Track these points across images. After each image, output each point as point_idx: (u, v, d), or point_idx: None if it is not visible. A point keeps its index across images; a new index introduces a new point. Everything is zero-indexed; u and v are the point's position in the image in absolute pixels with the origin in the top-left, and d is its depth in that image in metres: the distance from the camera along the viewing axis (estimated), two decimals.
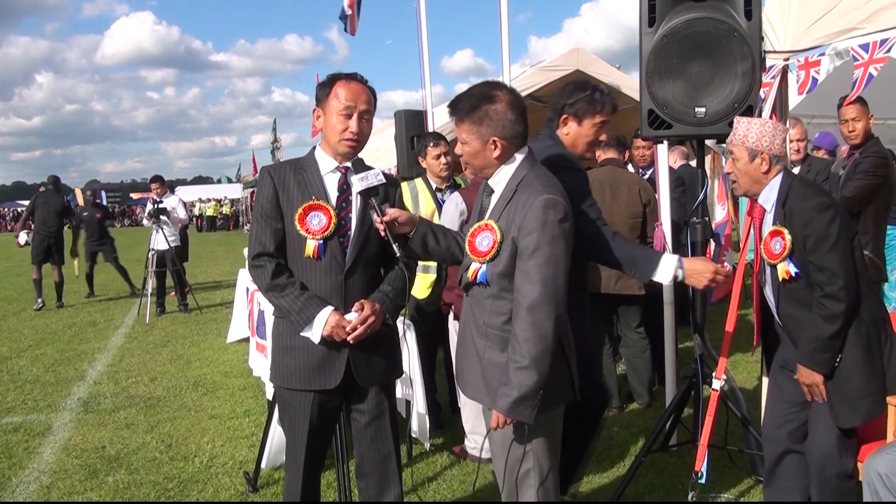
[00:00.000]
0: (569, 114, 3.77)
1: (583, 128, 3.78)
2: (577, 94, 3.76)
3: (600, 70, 11.92)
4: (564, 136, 3.80)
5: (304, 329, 3.30)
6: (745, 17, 3.85)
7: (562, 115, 3.78)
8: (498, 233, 3.01)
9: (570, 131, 3.79)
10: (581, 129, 3.78)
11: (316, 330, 3.27)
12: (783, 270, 3.58)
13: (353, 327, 3.26)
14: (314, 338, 3.29)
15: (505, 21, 6.81)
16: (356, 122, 3.33)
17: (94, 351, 9.77)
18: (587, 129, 3.78)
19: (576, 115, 3.76)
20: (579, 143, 3.80)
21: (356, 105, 3.32)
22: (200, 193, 59.83)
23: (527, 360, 2.87)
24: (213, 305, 13.38)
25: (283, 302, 3.32)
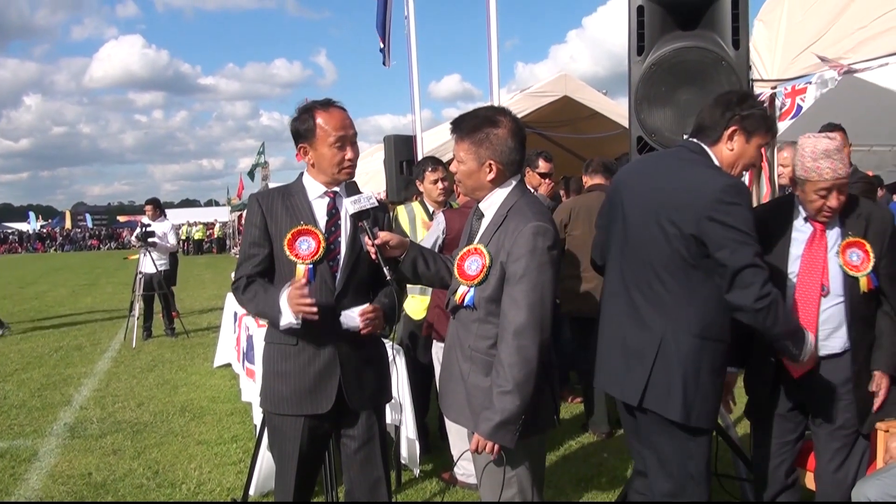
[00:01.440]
0: (739, 126, 3.24)
1: (750, 146, 3.27)
2: (752, 105, 3.29)
3: (588, 96, 12.03)
4: (726, 152, 3.27)
5: (281, 320, 3.22)
6: (733, 46, 3.89)
7: (729, 126, 3.25)
8: (487, 257, 3.02)
9: (735, 147, 3.26)
10: (748, 147, 3.26)
11: (286, 314, 3.19)
12: (865, 282, 3.58)
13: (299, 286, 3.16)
14: (294, 323, 3.19)
15: (494, 48, 6.86)
16: (350, 149, 3.36)
17: (81, 375, 9.69)
18: (752, 150, 3.28)
19: (746, 130, 3.25)
20: (738, 164, 3.30)
21: (346, 133, 3.34)
22: (188, 216, 59.75)
23: (510, 384, 2.88)
24: (199, 330, 13.31)
25: (258, 307, 3.35)
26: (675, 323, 3.14)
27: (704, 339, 3.12)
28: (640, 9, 4.04)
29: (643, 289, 3.25)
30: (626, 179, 3.52)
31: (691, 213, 3.04)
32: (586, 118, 12.53)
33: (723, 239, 2.97)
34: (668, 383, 3.13)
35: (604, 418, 6.41)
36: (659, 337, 3.16)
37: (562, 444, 6.20)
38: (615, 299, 3.41)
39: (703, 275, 3.08)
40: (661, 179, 3.27)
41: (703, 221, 3.00)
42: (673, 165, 3.32)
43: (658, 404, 3.18)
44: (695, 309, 3.12)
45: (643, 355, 3.20)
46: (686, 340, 3.12)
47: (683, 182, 3.17)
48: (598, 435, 6.39)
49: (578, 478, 5.49)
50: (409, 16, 8.99)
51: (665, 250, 3.14)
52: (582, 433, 6.50)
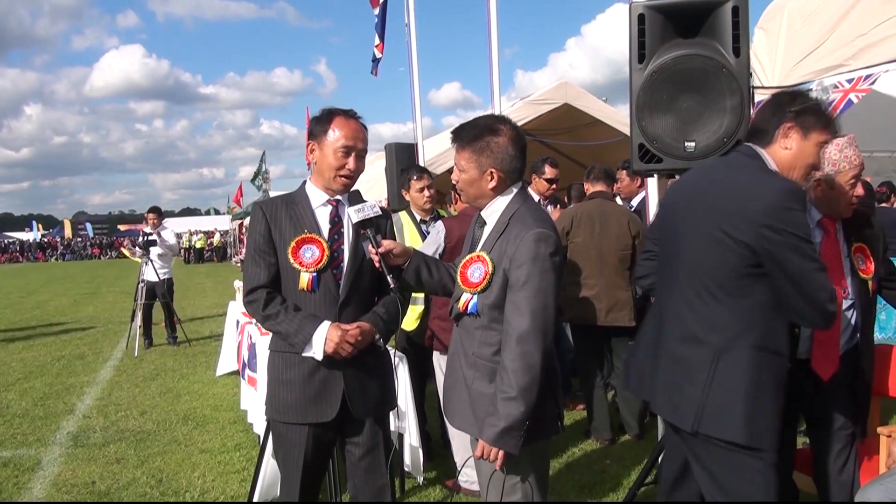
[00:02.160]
0: (794, 123, 3.03)
1: (808, 143, 3.04)
2: (804, 101, 3.09)
3: (588, 104, 12.07)
4: (782, 151, 3.06)
5: (305, 349, 3.31)
6: (734, 53, 3.91)
7: (782, 123, 3.05)
8: (490, 264, 3.04)
9: (791, 146, 3.04)
10: (805, 144, 3.04)
11: (317, 348, 3.28)
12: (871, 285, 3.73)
13: (354, 337, 3.29)
14: (317, 355, 3.29)
15: (495, 56, 6.88)
16: (354, 160, 3.39)
17: (83, 384, 9.70)
18: (811, 148, 3.05)
19: (802, 127, 3.04)
20: (798, 165, 3.06)
21: (355, 145, 3.38)
22: (189, 225, 59.80)
23: (514, 390, 2.89)
24: (201, 338, 13.32)
25: (280, 327, 3.35)
26: (730, 336, 2.91)
27: (763, 351, 2.89)
28: (641, 17, 4.06)
29: (695, 303, 3.02)
30: (679, 191, 3.32)
31: (745, 219, 2.84)
32: (587, 125, 12.57)
33: (779, 246, 2.79)
34: (727, 402, 2.88)
35: (606, 425, 6.42)
36: (713, 352, 2.92)
37: (564, 451, 6.21)
38: (665, 315, 3.20)
39: (759, 284, 2.89)
40: (713, 187, 3.06)
41: (758, 229, 2.81)
42: (725, 172, 3.12)
43: (716, 427, 2.90)
44: (751, 320, 2.91)
45: (696, 373, 2.95)
46: (743, 354, 2.89)
47: (736, 188, 2.96)
48: (601, 442, 6.40)
49: (581, 485, 5.49)
50: (409, 24, 9.04)
51: (718, 260, 2.94)
52: (584, 440, 6.50)
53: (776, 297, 2.87)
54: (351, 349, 3.29)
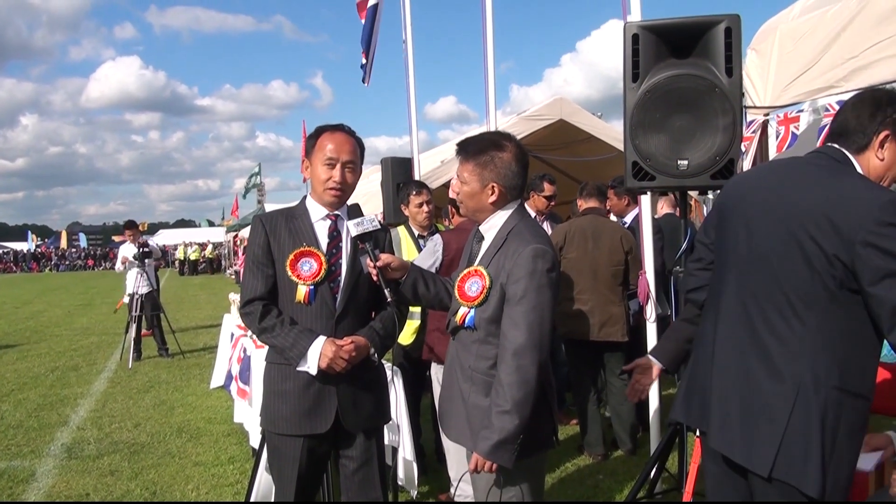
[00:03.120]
0: (892, 131, 2.68)
1: None
2: None
3: (583, 120, 12.09)
4: (875, 161, 2.71)
5: (300, 363, 3.34)
6: (726, 73, 3.96)
7: (881, 130, 2.69)
8: (487, 279, 3.08)
9: (887, 156, 2.69)
10: None
11: (312, 363, 3.32)
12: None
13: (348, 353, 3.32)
14: (311, 370, 3.33)
15: (491, 72, 6.93)
16: (339, 172, 3.43)
17: (77, 396, 9.71)
18: None
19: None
20: (888, 177, 2.74)
21: (339, 157, 3.43)
22: (183, 237, 59.71)
23: (509, 404, 2.92)
24: (195, 350, 13.32)
25: (276, 341, 3.38)
26: (813, 369, 2.55)
27: (845, 393, 2.53)
28: (636, 37, 4.11)
29: (774, 323, 2.66)
30: (744, 190, 2.90)
31: (840, 232, 2.48)
32: (582, 141, 12.59)
33: (882, 269, 2.40)
34: (805, 448, 2.53)
35: (599, 440, 6.44)
36: (795, 387, 2.56)
37: (557, 466, 6.23)
38: (732, 334, 2.81)
39: (847, 310, 2.52)
40: (797, 189, 2.68)
41: (855, 245, 2.44)
42: (812, 173, 2.73)
43: (791, 474, 2.55)
44: (834, 354, 2.54)
45: (774, 411, 2.60)
46: (824, 393, 2.53)
47: (829, 192, 2.58)
48: (594, 457, 6.42)
49: (574, 500, 5.51)
50: (406, 39, 9.06)
51: (804, 274, 2.58)
52: (577, 455, 6.52)
53: (870, 328, 2.53)
54: (345, 364, 3.32)
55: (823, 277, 2.51)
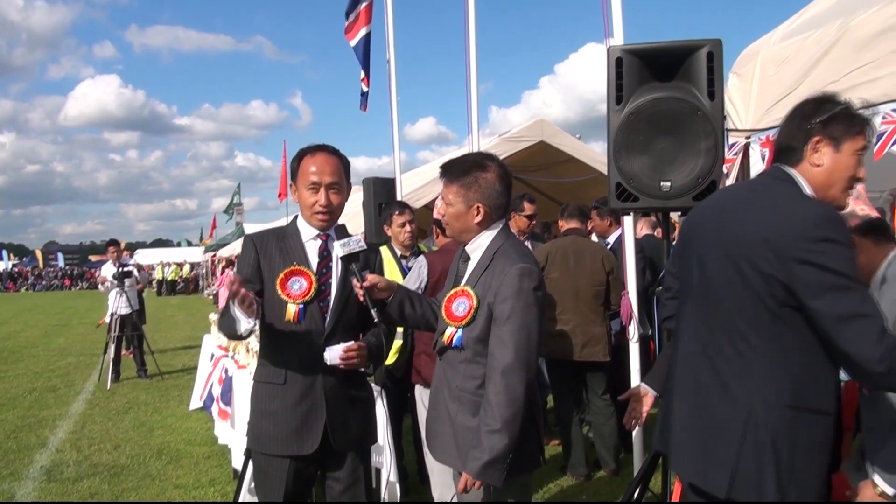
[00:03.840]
0: (822, 135, 2.69)
1: (842, 156, 2.69)
2: (830, 108, 2.72)
3: (563, 141, 12.20)
4: (814, 169, 2.71)
5: (239, 326, 3.16)
6: (708, 97, 4.01)
7: (809, 138, 2.70)
8: (474, 298, 3.10)
9: (823, 161, 2.69)
10: (840, 157, 2.69)
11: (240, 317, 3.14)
12: None
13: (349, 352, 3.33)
14: (248, 323, 3.14)
15: (474, 94, 6.96)
16: (324, 195, 3.44)
17: (56, 417, 9.60)
18: (846, 159, 2.69)
19: (833, 138, 2.68)
20: (835, 181, 2.71)
21: (321, 180, 3.43)
22: (161, 257, 59.26)
23: (498, 423, 2.93)
24: (174, 371, 13.20)
25: (222, 325, 3.34)
26: (762, 390, 2.58)
27: (799, 411, 2.55)
28: (619, 60, 4.16)
29: (723, 348, 2.70)
30: (699, 217, 2.99)
31: (776, 251, 2.52)
32: (562, 163, 12.69)
33: (819, 285, 2.44)
34: (759, 469, 2.56)
35: (582, 461, 6.45)
36: (746, 409, 2.59)
37: (541, 487, 6.22)
38: (689, 361, 2.87)
39: (793, 329, 2.55)
40: (737, 214, 2.74)
41: (791, 264, 2.48)
42: (751, 196, 2.81)
43: (750, 494, 2.58)
44: (786, 372, 2.57)
45: (728, 433, 2.63)
46: (776, 413, 2.56)
47: (764, 214, 2.63)
48: (577, 478, 6.42)
49: None
50: (390, 59, 9.11)
51: (744, 298, 2.62)
52: (560, 476, 6.52)
53: (818, 344, 2.54)
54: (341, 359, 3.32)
55: (763, 298, 2.56)
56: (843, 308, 2.41)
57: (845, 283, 2.42)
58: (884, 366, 2.36)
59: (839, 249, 2.45)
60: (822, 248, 2.44)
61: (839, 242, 2.46)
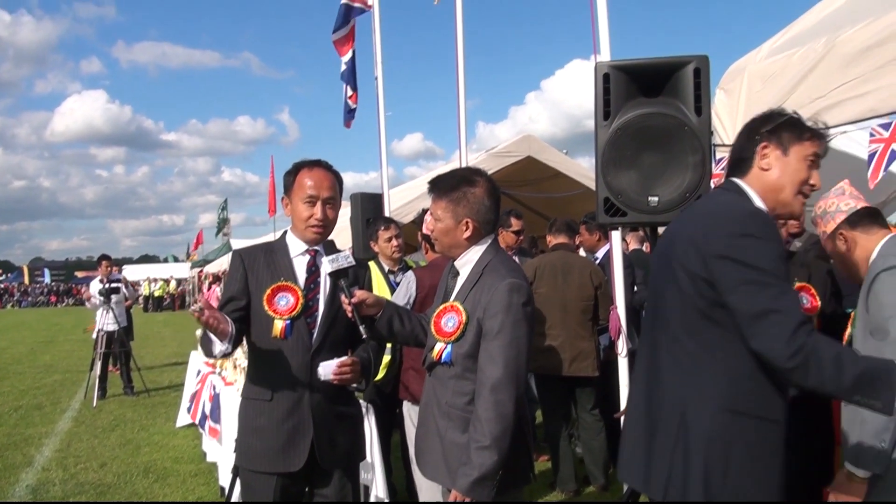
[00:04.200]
0: (769, 141, 2.72)
1: (790, 159, 2.69)
2: (778, 118, 2.76)
3: (551, 157, 12.25)
4: (762, 174, 2.72)
5: (214, 348, 3.24)
6: (695, 112, 4.02)
7: (757, 146, 2.74)
8: (464, 314, 3.09)
9: (770, 165, 2.71)
10: (788, 160, 2.69)
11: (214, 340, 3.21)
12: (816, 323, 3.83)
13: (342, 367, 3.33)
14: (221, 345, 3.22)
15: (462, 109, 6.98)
16: (320, 209, 3.44)
17: (42, 435, 9.51)
18: (796, 163, 2.69)
19: (780, 144, 2.71)
20: (784, 184, 2.70)
21: (319, 194, 3.44)
22: (147, 272, 58.99)
23: (488, 439, 2.92)
24: (160, 388, 13.12)
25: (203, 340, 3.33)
26: (698, 393, 2.55)
27: (736, 415, 2.50)
28: (606, 76, 4.17)
29: (663, 353, 2.70)
30: (661, 238, 3.00)
31: (700, 250, 2.54)
32: (549, 178, 12.74)
33: (735, 280, 2.45)
34: (687, 471, 2.53)
35: (571, 476, 6.43)
36: (679, 412, 2.58)
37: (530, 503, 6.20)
38: (640, 368, 2.88)
39: (726, 331, 2.51)
40: (680, 223, 2.80)
41: (711, 259, 2.50)
42: (696, 206, 2.91)
43: (676, 496, 2.55)
44: (721, 376, 2.53)
45: (665, 436, 2.62)
46: (709, 416, 2.52)
47: (696, 218, 2.69)
48: (566, 493, 6.40)
49: None
50: (378, 76, 9.15)
51: (679, 302, 2.62)
52: (549, 492, 6.51)
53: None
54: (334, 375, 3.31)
55: (694, 300, 2.56)
56: (757, 303, 2.42)
57: (761, 279, 2.43)
58: (794, 362, 2.34)
59: (758, 244, 2.47)
60: (740, 243, 2.47)
61: (759, 238, 2.47)
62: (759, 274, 2.43)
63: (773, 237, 2.51)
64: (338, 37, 9.72)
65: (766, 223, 2.53)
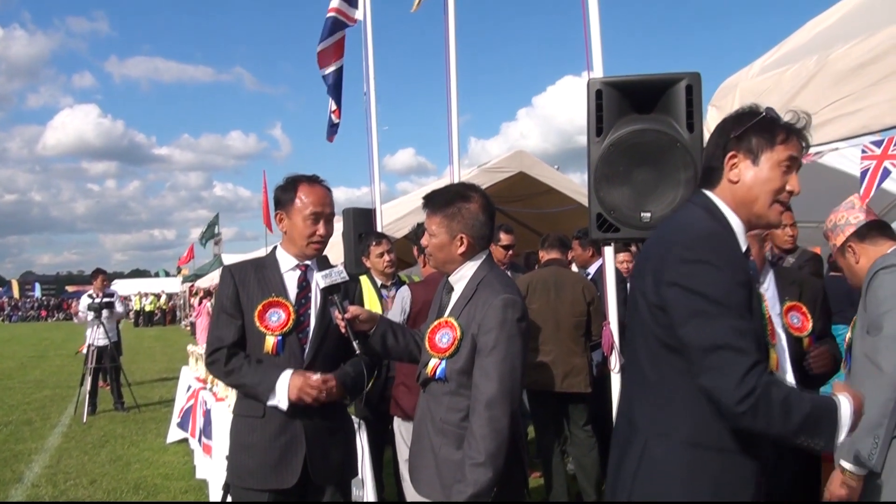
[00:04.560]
0: (737, 150, 2.48)
1: (763, 167, 2.45)
2: (749, 118, 2.52)
3: (543, 172, 12.27)
4: (732, 186, 2.49)
5: (269, 398, 3.30)
6: (688, 129, 4.04)
7: (725, 154, 2.50)
8: (458, 330, 3.09)
9: (740, 177, 2.47)
10: (760, 169, 2.45)
11: (280, 396, 3.29)
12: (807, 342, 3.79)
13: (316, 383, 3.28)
14: (281, 404, 3.29)
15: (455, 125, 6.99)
16: (323, 226, 3.45)
17: (31, 451, 9.45)
18: (769, 171, 2.45)
19: (749, 151, 2.47)
20: (756, 195, 2.46)
21: (323, 210, 3.44)
22: (139, 287, 58.81)
23: (483, 456, 2.91)
24: (151, 404, 13.05)
25: (244, 380, 3.36)
26: (658, 425, 2.43)
27: (699, 448, 2.35)
28: (599, 92, 4.19)
29: (630, 381, 2.63)
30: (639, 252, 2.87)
31: (654, 276, 2.39)
32: (541, 193, 12.75)
33: (684, 310, 2.26)
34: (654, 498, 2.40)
35: (563, 493, 6.41)
36: (644, 439, 2.45)
37: None
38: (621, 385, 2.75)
39: (685, 360, 2.34)
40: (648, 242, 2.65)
41: (663, 287, 2.34)
42: (663, 224, 2.72)
43: None
44: (682, 407, 2.38)
45: (630, 461, 2.48)
46: (670, 449, 2.39)
47: (658, 237, 2.56)
48: None
49: None
50: (367, 91, 9.15)
51: (640, 330, 2.50)
52: None
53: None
54: (315, 394, 3.28)
55: (653, 328, 2.41)
56: (706, 337, 2.23)
57: (712, 309, 2.23)
58: (743, 406, 2.15)
59: (711, 271, 2.26)
60: (691, 270, 2.28)
61: (712, 264, 2.27)
62: (711, 304, 2.23)
63: (730, 262, 2.31)
64: (323, 47, 9.70)
65: (720, 246, 2.34)
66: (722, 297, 2.23)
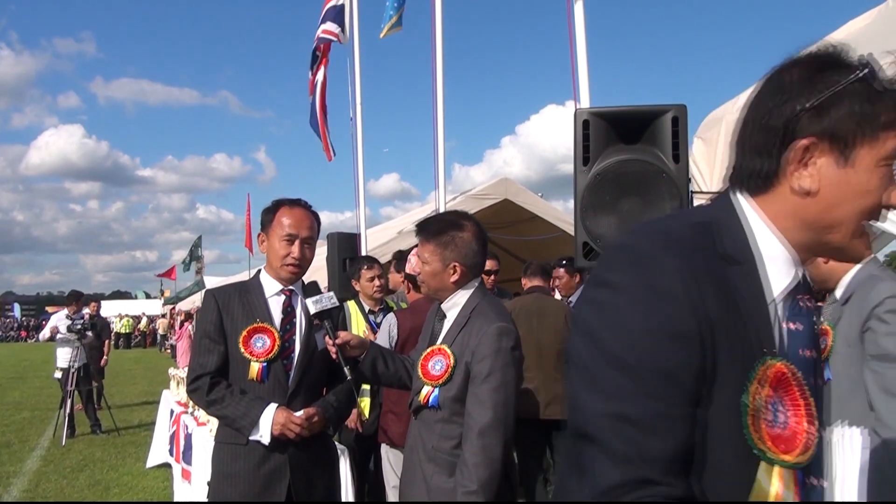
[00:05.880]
0: (815, 134, 1.41)
1: (855, 173, 1.41)
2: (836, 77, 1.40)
3: (527, 199, 12.31)
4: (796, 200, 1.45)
5: (252, 432, 3.28)
6: (673, 160, 4.07)
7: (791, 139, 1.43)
8: (451, 357, 3.10)
9: (819, 184, 1.43)
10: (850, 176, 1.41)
11: (264, 431, 3.26)
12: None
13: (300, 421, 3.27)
14: (264, 439, 3.27)
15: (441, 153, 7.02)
16: (298, 248, 3.45)
17: (10, 475, 9.33)
18: (866, 177, 1.41)
19: (836, 138, 1.40)
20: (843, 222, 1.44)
21: (298, 233, 3.45)
22: (119, 309, 58.39)
23: (475, 484, 2.91)
24: (131, 427, 12.92)
25: (226, 411, 3.32)
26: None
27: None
28: (586, 122, 4.22)
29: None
30: None
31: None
32: (526, 221, 12.78)
33: (572, 358, 1.48)
34: None
35: None
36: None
37: None
38: None
39: None
40: None
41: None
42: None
43: None
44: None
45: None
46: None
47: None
48: None
49: None
50: (353, 117, 9.20)
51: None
52: None
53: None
54: (298, 431, 3.27)
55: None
56: (580, 414, 1.46)
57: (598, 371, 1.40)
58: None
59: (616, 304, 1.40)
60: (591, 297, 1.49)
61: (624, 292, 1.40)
62: (603, 359, 1.38)
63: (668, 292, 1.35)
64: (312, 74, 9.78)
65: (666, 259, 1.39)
66: (620, 350, 1.36)
